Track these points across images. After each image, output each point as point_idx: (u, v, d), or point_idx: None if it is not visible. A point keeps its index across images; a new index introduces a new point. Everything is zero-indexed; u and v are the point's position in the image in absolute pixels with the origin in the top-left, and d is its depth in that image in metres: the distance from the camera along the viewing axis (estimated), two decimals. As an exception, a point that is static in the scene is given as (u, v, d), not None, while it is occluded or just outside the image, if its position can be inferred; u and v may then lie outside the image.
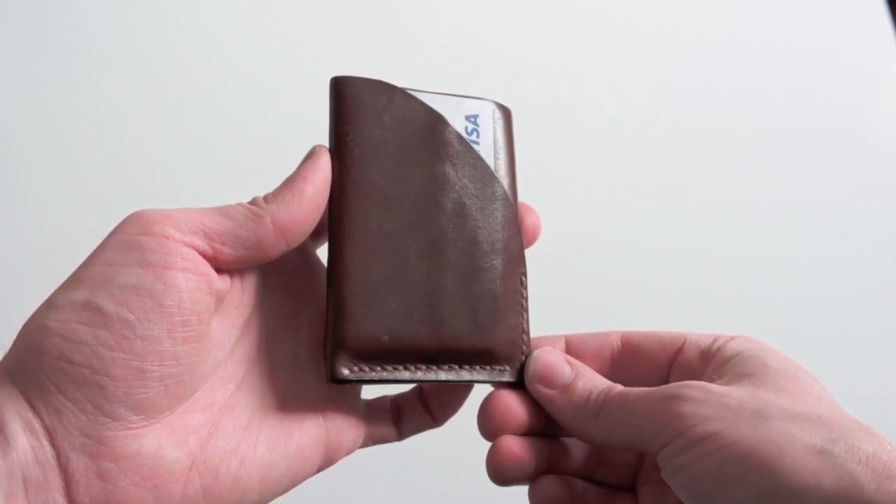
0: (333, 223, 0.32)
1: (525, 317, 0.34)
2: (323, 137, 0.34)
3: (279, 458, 0.30)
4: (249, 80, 0.67)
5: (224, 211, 0.30)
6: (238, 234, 0.30)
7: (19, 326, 0.28)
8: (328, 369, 0.31)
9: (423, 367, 0.32)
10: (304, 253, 0.35)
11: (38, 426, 0.26)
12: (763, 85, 0.76)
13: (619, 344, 0.35)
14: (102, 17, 0.68)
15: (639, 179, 0.69)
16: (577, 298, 0.62)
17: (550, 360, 0.33)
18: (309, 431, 0.32)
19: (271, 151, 0.62)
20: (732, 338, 0.33)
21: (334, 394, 0.33)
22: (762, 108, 0.75)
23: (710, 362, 0.32)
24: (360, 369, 0.31)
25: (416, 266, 0.32)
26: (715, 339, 0.33)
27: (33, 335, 0.27)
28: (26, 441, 0.26)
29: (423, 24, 0.73)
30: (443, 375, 0.32)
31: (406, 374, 0.32)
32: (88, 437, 0.26)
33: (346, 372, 0.31)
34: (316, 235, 0.34)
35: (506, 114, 0.37)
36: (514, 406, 0.32)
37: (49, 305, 0.27)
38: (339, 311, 0.31)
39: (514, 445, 0.32)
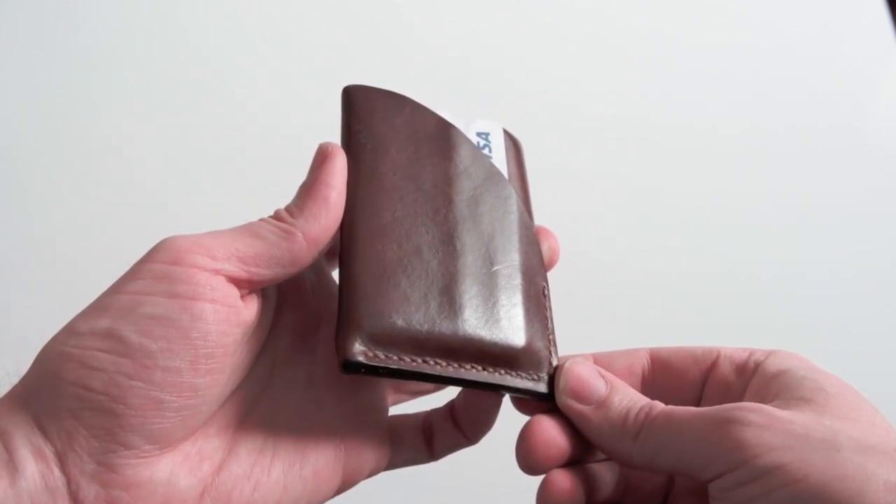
0: (346, 213, 0.31)
1: (551, 327, 0.32)
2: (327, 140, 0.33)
3: (294, 481, 0.29)
4: (253, 84, 0.67)
5: (254, 232, 0.29)
6: (273, 254, 0.29)
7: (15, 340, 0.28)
8: (340, 353, 0.29)
9: (444, 362, 0.30)
10: (320, 272, 0.34)
11: (48, 452, 0.25)
12: (762, 85, 0.76)
13: (649, 360, 0.33)
14: (103, 18, 0.67)
15: (638, 183, 0.69)
16: (590, 310, 0.62)
17: (583, 372, 0.30)
18: (325, 453, 0.31)
19: (274, 155, 0.62)
20: (771, 353, 0.30)
21: (353, 413, 0.32)
22: (761, 109, 0.75)
23: (749, 378, 0.30)
24: (375, 355, 0.29)
25: (431, 257, 0.31)
26: (751, 354, 0.31)
27: (51, 361, 0.26)
28: (35, 468, 0.25)
29: (425, 33, 0.72)
30: (466, 374, 0.30)
31: (426, 368, 0.29)
32: (100, 463, 0.26)
33: (359, 356, 0.28)
34: (331, 256, 0.34)
35: (516, 143, 0.36)
36: (556, 436, 0.30)
37: (69, 332, 0.27)
38: (352, 291, 0.30)
39: (566, 481, 0.30)
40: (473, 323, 0.30)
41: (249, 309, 0.29)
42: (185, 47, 0.67)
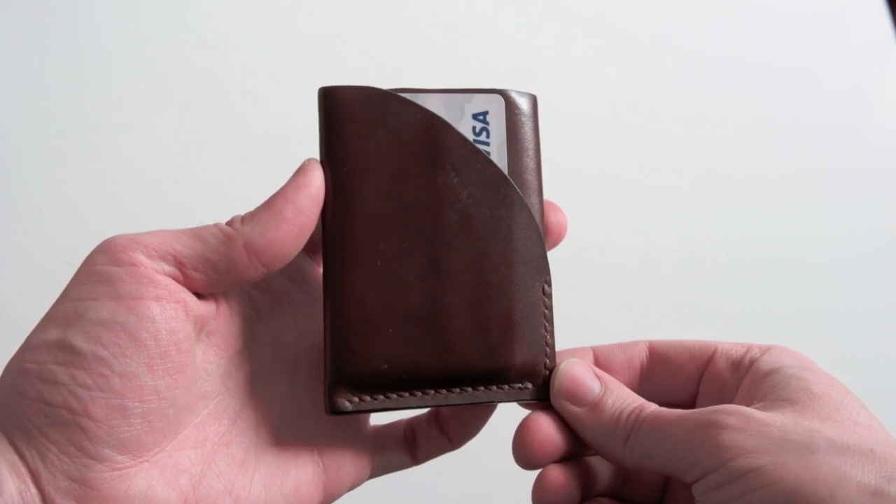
0: (326, 248, 0.31)
1: (548, 328, 0.32)
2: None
3: (275, 497, 0.29)
4: (256, 80, 0.67)
5: (196, 233, 0.28)
6: (208, 257, 0.28)
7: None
8: (326, 403, 0.30)
9: (432, 391, 0.31)
10: (298, 278, 0.33)
11: (23, 469, 0.25)
12: (762, 85, 0.76)
13: (647, 354, 0.33)
14: (102, 17, 0.67)
15: (642, 175, 0.70)
16: (598, 300, 0.62)
17: (577, 374, 0.31)
18: (306, 469, 0.30)
19: (277, 158, 0.62)
20: (767, 349, 0.31)
21: (333, 428, 0.32)
22: (761, 109, 0.75)
23: (743, 375, 0.30)
24: (362, 399, 0.30)
25: (417, 289, 0.30)
26: (748, 350, 0.31)
27: (12, 378, 0.26)
28: (13, 484, 0.25)
29: (436, 16, 0.72)
30: (454, 399, 0.31)
31: (413, 401, 0.31)
32: (73, 480, 0.25)
33: (346, 404, 0.30)
34: (313, 253, 0.33)
35: (527, 104, 0.33)
36: (552, 433, 0.30)
37: (26, 347, 0.26)
38: (334, 342, 0.30)
39: (561, 476, 0.30)
40: (461, 350, 0.30)
41: (204, 305, 0.29)
42: (187, 46, 0.67)
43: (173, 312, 0.27)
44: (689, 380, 0.32)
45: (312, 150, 0.32)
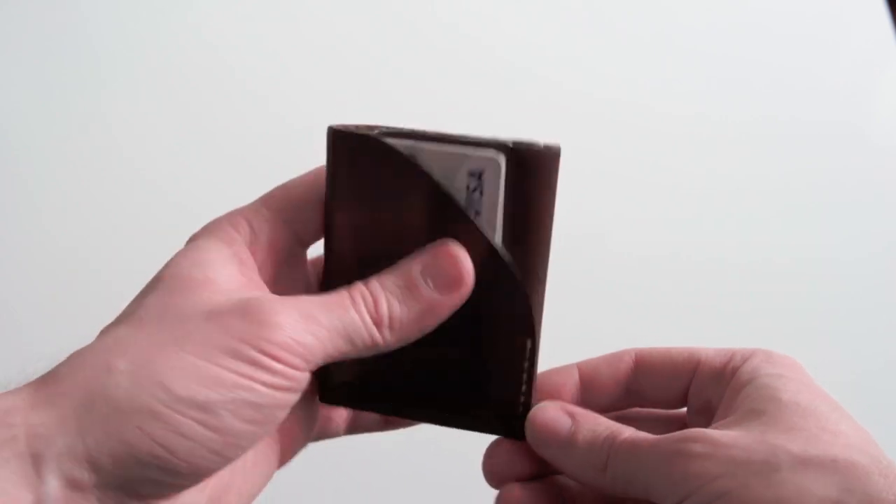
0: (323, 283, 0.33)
1: (526, 378, 0.32)
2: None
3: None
4: (256, 80, 0.67)
5: (348, 335, 0.29)
6: (349, 355, 0.29)
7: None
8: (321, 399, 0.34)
9: (407, 409, 0.33)
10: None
11: (86, 480, 0.25)
12: (761, 86, 0.76)
13: (633, 365, 0.33)
14: (102, 19, 0.67)
15: (641, 175, 0.70)
16: (591, 300, 0.62)
17: (546, 417, 0.31)
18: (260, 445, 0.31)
19: (277, 158, 0.62)
20: (750, 356, 0.30)
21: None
22: (761, 109, 0.75)
23: (725, 386, 0.30)
24: (344, 406, 0.34)
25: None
26: (730, 359, 0.31)
27: (134, 412, 0.25)
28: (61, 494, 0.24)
29: (436, 17, 0.73)
30: (425, 419, 0.33)
31: (391, 409, 0.34)
32: (129, 496, 0.26)
33: (332, 400, 0.33)
34: (302, 246, 0.33)
35: (539, 158, 0.31)
36: (516, 456, 0.31)
37: (164, 389, 0.26)
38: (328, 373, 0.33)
39: (519, 495, 0.31)
40: (430, 393, 0.33)
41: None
42: (187, 46, 0.67)
43: (294, 398, 0.28)
44: (675, 391, 0.32)
45: (312, 149, 0.32)
